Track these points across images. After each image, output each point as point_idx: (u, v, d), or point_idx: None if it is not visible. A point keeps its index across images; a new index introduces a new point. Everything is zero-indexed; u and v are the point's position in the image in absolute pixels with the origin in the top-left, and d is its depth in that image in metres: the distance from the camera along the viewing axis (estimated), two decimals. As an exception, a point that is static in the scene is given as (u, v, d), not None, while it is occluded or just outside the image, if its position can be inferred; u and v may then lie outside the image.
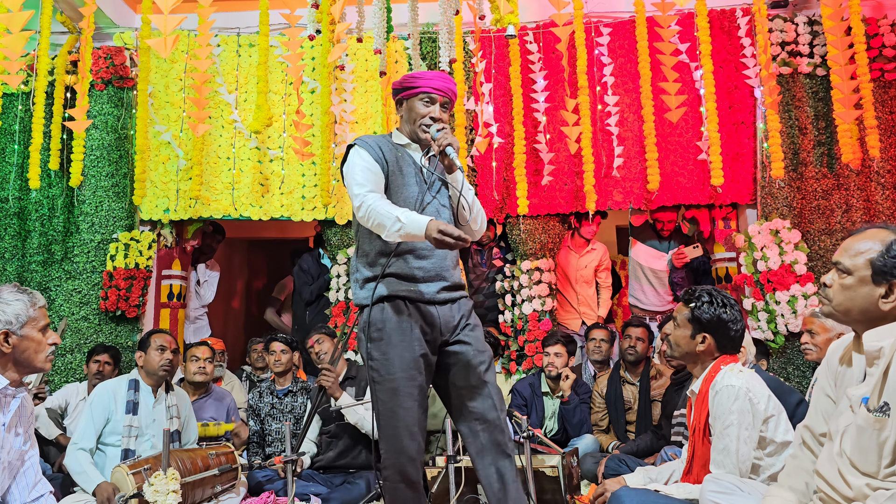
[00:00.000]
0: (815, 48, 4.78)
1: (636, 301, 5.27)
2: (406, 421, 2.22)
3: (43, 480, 2.17)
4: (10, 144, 5.07)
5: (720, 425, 2.17)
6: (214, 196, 5.05)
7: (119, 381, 3.40)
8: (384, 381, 2.25)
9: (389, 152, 2.42)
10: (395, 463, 2.23)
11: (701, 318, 2.32)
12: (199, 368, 4.05)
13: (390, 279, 2.31)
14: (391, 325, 2.27)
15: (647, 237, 5.26)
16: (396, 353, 2.24)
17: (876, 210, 4.58)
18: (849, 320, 1.72)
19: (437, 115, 2.41)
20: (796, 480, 1.83)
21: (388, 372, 2.24)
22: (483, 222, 2.52)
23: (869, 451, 1.55)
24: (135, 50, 5.14)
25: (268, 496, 3.44)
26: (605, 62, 4.94)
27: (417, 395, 2.25)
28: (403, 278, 2.31)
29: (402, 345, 2.25)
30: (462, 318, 2.39)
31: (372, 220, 2.21)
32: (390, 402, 2.23)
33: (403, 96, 2.47)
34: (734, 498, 1.97)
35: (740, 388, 2.16)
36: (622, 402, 4.20)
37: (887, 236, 1.68)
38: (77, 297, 4.95)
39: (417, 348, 2.27)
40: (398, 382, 2.23)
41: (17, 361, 2.03)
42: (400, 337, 2.26)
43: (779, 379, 3.07)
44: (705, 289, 2.40)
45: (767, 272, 4.52)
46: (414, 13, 4.08)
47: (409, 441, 2.22)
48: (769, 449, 2.20)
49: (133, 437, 3.24)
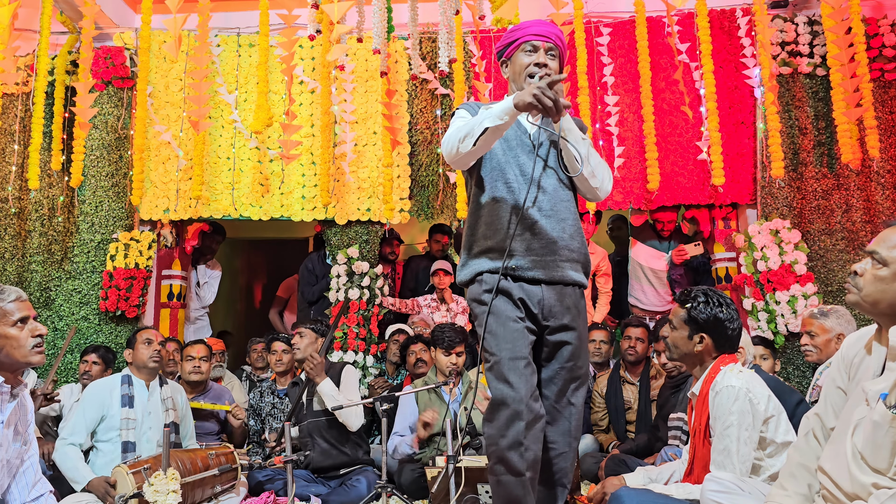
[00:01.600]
0: (815, 48, 4.78)
1: (636, 301, 5.26)
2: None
3: (43, 480, 2.17)
4: (10, 144, 5.07)
5: (720, 426, 2.16)
6: (214, 196, 5.05)
7: (112, 378, 3.42)
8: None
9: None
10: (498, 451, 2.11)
11: (698, 318, 2.32)
12: (194, 368, 4.06)
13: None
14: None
15: (647, 237, 5.26)
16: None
17: (876, 210, 4.58)
18: (875, 312, 1.67)
19: (542, 60, 2.22)
20: (799, 483, 1.80)
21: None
22: (607, 181, 2.30)
23: (882, 448, 1.52)
24: (135, 50, 5.14)
25: (268, 496, 3.44)
26: (605, 62, 4.94)
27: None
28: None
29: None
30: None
31: (457, 134, 2.09)
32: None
33: (506, 56, 2.32)
34: (735, 497, 1.97)
35: (740, 388, 2.16)
36: (622, 402, 4.20)
37: None
38: (77, 297, 4.95)
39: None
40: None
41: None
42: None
43: (778, 379, 3.07)
44: (701, 289, 2.40)
45: (767, 272, 4.52)
46: (414, 13, 4.08)
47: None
48: (769, 450, 2.19)
49: (131, 429, 3.25)
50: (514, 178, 2.24)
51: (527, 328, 2.18)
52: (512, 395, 2.06)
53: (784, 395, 2.80)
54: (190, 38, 5.06)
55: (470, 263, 2.30)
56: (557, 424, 2.23)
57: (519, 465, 2.05)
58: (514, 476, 2.06)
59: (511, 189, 2.23)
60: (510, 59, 2.31)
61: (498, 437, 2.07)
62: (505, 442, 2.05)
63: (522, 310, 2.19)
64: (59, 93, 4.98)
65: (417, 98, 5.06)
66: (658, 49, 4.74)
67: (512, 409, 2.05)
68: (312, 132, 5.03)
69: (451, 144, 2.15)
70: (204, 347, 4.13)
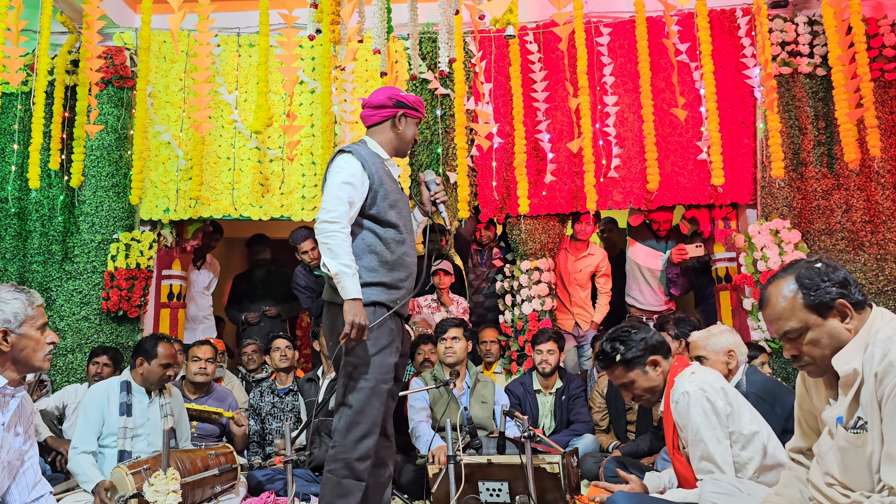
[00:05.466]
0: (815, 48, 4.78)
1: (633, 301, 5.27)
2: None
3: (43, 481, 2.17)
4: (9, 144, 5.07)
5: (691, 434, 2.17)
6: (214, 196, 5.05)
7: (110, 383, 3.38)
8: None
9: (375, 166, 2.56)
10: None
11: (632, 356, 2.33)
12: (199, 369, 4.02)
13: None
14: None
15: (644, 237, 5.26)
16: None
17: (876, 210, 4.58)
18: (831, 362, 1.63)
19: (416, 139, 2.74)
20: (791, 489, 1.82)
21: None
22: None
23: (859, 470, 1.52)
24: (135, 50, 5.14)
25: (268, 496, 3.44)
26: (605, 62, 4.93)
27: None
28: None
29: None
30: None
31: (332, 242, 2.38)
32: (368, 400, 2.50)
33: (407, 113, 2.62)
34: (734, 499, 1.97)
35: (694, 392, 2.17)
36: (622, 402, 4.20)
37: (787, 279, 1.64)
38: (77, 298, 4.95)
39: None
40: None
41: (15, 360, 2.03)
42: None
43: (776, 379, 3.07)
44: (606, 340, 2.41)
45: (767, 272, 4.52)
46: (414, 13, 4.08)
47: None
48: (740, 443, 2.20)
49: (128, 438, 3.23)
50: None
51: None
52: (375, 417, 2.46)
53: (781, 395, 2.81)
54: (190, 38, 5.06)
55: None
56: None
57: (363, 474, 2.42)
58: (357, 481, 2.42)
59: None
60: (406, 120, 2.66)
61: (351, 448, 2.42)
62: (357, 453, 2.42)
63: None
64: (58, 93, 4.97)
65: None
66: (658, 49, 4.73)
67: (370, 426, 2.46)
68: (312, 132, 5.03)
69: (328, 236, 2.41)
70: (210, 348, 4.09)
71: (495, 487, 3.09)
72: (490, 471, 3.11)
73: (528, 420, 2.98)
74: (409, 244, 2.62)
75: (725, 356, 2.89)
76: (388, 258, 2.54)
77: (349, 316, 2.33)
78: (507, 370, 4.89)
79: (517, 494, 3.00)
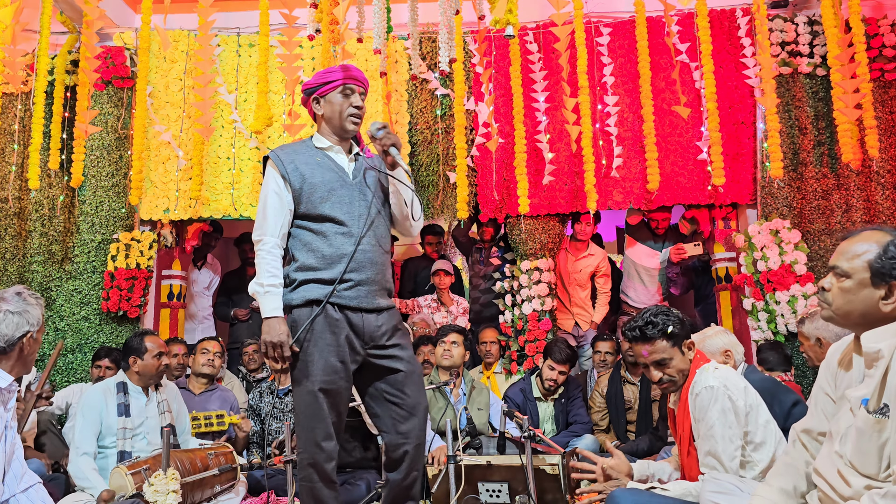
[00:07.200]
0: (815, 48, 4.78)
1: (627, 298, 5.30)
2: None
3: (29, 472, 2.19)
4: (9, 144, 5.07)
5: (704, 427, 2.17)
6: (214, 196, 5.05)
7: (107, 384, 3.38)
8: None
9: (306, 164, 2.47)
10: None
11: (678, 332, 2.31)
12: (208, 361, 4.20)
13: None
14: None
15: (643, 236, 5.27)
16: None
17: (876, 210, 4.58)
18: (849, 323, 1.70)
19: (359, 103, 2.48)
20: (785, 480, 1.83)
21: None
22: (421, 220, 2.61)
23: (869, 454, 1.54)
24: (135, 50, 5.14)
25: (268, 496, 3.44)
26: (605, 62, 4.94)
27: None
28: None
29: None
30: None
31: (257, 260, 2.41)
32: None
33: (319, 94, 2.51)
34: (734, 498, 1.97)
35: (718, 387, 2.17)
36: (622, 402, 4.20)
37: (883, 237, 1.67)
38: (78, 298, 4.95)
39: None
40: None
41: (24, 362, 2.15)
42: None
43: (775, 379, 3.07)
44: (650, 314, 2.37)
45: (767, 272, 4.52)
46: (414, 13, 4.08)
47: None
48: (754, 443, 2.20)
49: (128, 438, 3.23)
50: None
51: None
52: (327, 419, 2.40)
53: (780, 394, 2.81)
54: (190, 38, 5.06)
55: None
56: None
57: (332, 474, 2.40)
58: (327, 483, 2.39)
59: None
60: (324, 99, 2.51)
61: (313, 452, 2.38)
62: (321, 456, 2.37)
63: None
64: (58, 92, 4.97)
65: (417, 98, 5.06)
66: (658, 49, 4.73)
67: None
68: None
69: (257, 234, 2.44)
70: (218, 344, 4.34)
71: (495, 488, 3.09)
72: (490, 471, 3.11)
73: (527, 420, 2.98)
74: (358, 234, 2.41)
75: (722, 356, 2.90)
76: (327, 252, 2.40)
77: (263, 335, 2.34)
78: (507, 370, 4.89)
79: (517, 495, 3.00)
